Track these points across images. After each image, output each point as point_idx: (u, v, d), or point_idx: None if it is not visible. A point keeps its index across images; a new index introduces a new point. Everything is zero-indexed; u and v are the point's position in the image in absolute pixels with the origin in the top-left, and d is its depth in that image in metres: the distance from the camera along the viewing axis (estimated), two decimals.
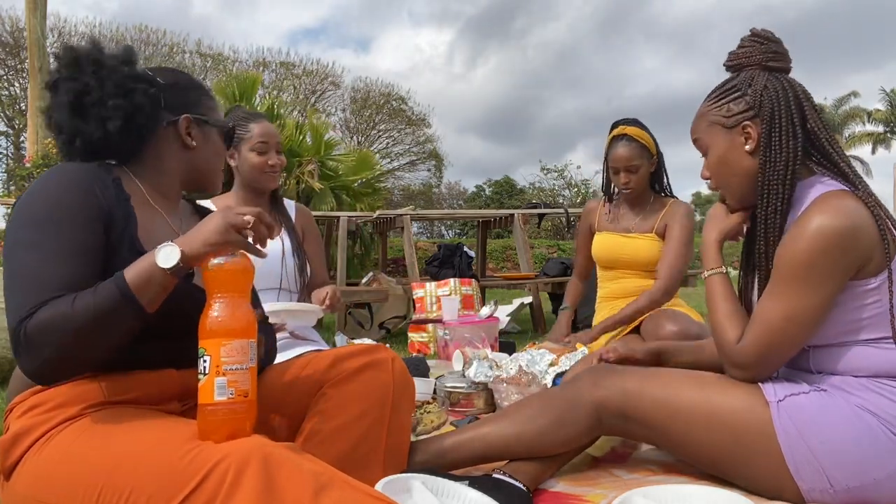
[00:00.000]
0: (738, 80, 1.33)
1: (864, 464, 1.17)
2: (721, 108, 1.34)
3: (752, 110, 1.30)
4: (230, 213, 0.98)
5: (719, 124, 1.34)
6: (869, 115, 32.04)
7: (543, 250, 15.07)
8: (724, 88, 1.35)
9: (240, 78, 8.43)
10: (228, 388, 0.91)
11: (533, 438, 1.38)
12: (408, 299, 4.54)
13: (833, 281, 1.19)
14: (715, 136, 1.35)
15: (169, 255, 0.94)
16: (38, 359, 0.93)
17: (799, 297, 1.21)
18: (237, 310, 0.94)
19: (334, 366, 1.22)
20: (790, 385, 1.27)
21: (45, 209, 1.01)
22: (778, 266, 1.24)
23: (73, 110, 1.12)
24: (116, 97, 1.12)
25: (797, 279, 1.20)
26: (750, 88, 1.31)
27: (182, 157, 1.23)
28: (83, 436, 0.97)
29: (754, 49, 1.33)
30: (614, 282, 2.67)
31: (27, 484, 0.96)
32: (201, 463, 0.85)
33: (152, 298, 0.96)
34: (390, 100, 24.16)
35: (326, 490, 0.84)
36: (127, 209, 1.10)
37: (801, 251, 1.19)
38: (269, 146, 2.13)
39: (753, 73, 1.32)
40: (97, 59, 1.13)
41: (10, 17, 19.13)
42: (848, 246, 1.17)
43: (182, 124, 1.21)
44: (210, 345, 0.92)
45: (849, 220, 1.18)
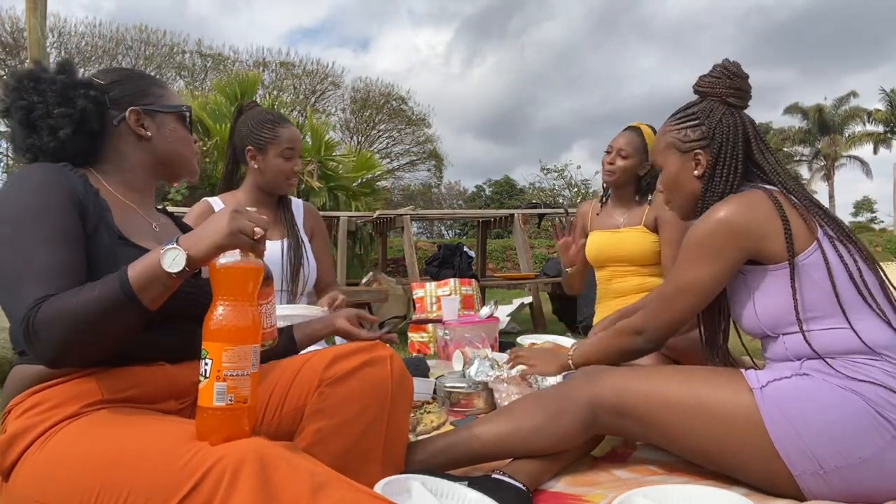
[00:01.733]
0: (699, 108, 1.46)
1: (849, 443, 1.19)
2: (679, 132, 1.48)
3: (705, 140, 1.44)
4: (241, 218, 0.96)
5: (675, 147, 1.48)
6: (869, 115, 32.05)
7: (543, 250, 15.07)
8: (685, 114, 1.49)
9: (240, 78, 8.44)
10: (228, 394, 0.90)
11: (528, 435, 1.39)
12: (408, 299, 4.55)
13: (720, 260, 1.34)
14: (670, 157, 1.50)
15: (175, 259, 0.94)
16: (46, 348, 0.94)
17: (688, 271, 1.38)
18: (243, 314, 0.93)
19: (332, 364, 1.22)
20: (772, 371, 1.31)
21: (18, 204, 1.04)
22: (681, 248, 1.41)
23: (26, 128, 1.18)
24: (60, 106, 1.16)
25: (690, 255, 1.38)
26: (707, 119, 1.44)
27: (142, 149, 1.25)
28: (81, 436, 0.97)
29: (720, 82, 1.45)
30: (610, 281, 2.67)
31: (26, 484, 0.97)
32: (198, 464, 0.85)
33: (155, 298, 0.96)
34: (390, 100, 24.17)
35: (324, 489, 0.84)
36: (97, 200, 1.13)
37: (696, 233, 1.37)
38: (295, 152, 2.13)
39: (713, 104, 1.45)
40: (35, 77, 1.18)
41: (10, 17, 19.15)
42: (740, 223, 1.32)
43: (131, 118, 1.23)
44: (212, 348, 0.91)
45: (740, 206, 1.33)
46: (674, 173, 1.49)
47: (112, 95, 1.23)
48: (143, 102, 1.25)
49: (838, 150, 32.12)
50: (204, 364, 0.91)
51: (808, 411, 1.22)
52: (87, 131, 1.19)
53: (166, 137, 1.27)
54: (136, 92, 1.26)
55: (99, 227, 1.09)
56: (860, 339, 1.26)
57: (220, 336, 0.91)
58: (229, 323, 0.91)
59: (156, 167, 1.28)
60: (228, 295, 0.93)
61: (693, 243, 1.37)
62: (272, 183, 2.14)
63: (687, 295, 1.40)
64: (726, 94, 1.44)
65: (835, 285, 1.29)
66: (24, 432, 0.99)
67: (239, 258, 0.94)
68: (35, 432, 0.99)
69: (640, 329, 1.50)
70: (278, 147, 2.10)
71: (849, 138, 32.35)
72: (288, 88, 22.22)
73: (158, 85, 1.30)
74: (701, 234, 1.35)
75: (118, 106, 1.23)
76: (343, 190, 8.16)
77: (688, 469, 1.46)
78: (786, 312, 1.31)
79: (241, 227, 0.95)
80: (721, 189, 1.41)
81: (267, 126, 2.12)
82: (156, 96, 1.28)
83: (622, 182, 2.57)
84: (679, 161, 1.48)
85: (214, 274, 0.94)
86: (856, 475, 1.20)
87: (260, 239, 0.97)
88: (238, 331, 0.92)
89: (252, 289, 0.95)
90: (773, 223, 1.32)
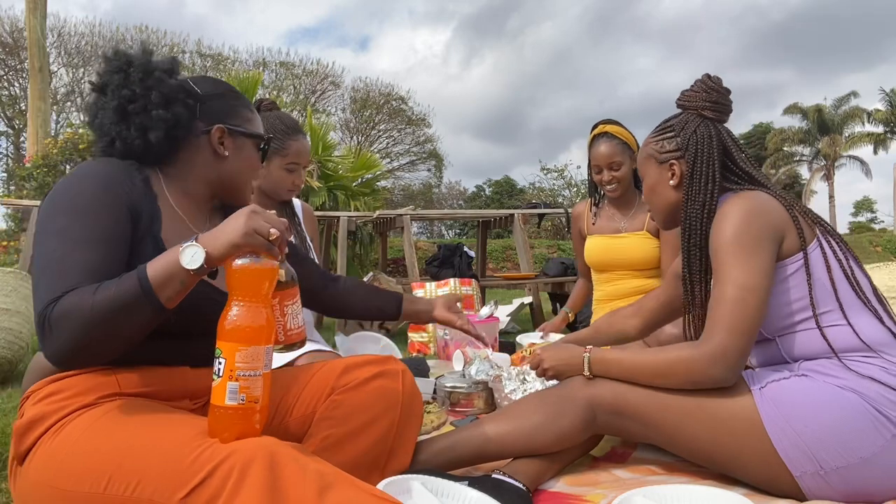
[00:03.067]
0: (676, 121, 1.50)
1: (849, 443, 1.19)
2: (657, 144, 1.52)
3: (680, 151, 1.48)
4: (257, 218, 0.97)
5: (653, 158, 1.53)
6: (869, 115, 32.05)
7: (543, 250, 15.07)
8: (663, 126, 1.53)
9: (241, 77, 8.43)
10: (240, 394, 0.91)
11: (528, 434, 1.39)
12: None
13: (765, 244, 1.29)
14: (648, 167, 1.54)
15: (194, 255, 0.94)
16: (56, 342, 0.94)
17: (741, 269, 1.28)
18: (256, 315, 0.93)
19: (346, 373, 1.24)
20: (771, 373, 1.31)
21: (71, 199, 1.04)
22: (715, 256, 1.33)
23: (118, 115, 1.16)
24: (159, 108, 1.15)
25: (732, 255, 1.29)
26: (682, 131, 1.48)
27: (213, 166, 1.24)
28: (95, 425, 0.98)
29: (698, 96, 1.48)
30: (609, 284, 2.66)
31: (40, 469, 0.98)
32: (208, 458, 0.86)
33: (172, 296, 0.96)
34: (390, 100, 24.17)
35: (331, 489, 0.85)
36: (153, 207, 1.12)
37: (726, 233, 1.31)
38: (300, 166, 2.09)
39: (689, 117, 1.48)
40: (146, 68, 1.17)
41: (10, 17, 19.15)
42: (763, 213, 1.31)
43: (215, 134, 1.22)
44: (226, 347, 0.92)
45: (756, 199, 1.34)
46: (652, 183, 1.54)
47: (205, 107, 1.22)
48: (232, 122, 1.24)
49: (838, 150, 32.11)
50: (217, 363, 0.92)
51: (808, 411, 1.22)
52: (172, 136, 1.18)
53: (240, 162, 1.26)
54: (228, 110, 1.25)
55: (146, 236, 1.09)
56: (858, 336, 1.27)
57: (233, 336, 0.92)
58: (243, 323, 0.92)
59: (217, 186, 1.26)
60: (243, 295, 0.94)
61: (732, 240, 1.30)
62: (271, 191, 2.12)
63: (755, 291, 1.26)
64: (702, 108, 1.47)
65: (833, 281, 1.30)
66: (41, 418, 1.01)
67: (255, 259, 0.95)
68: (52, 419, 1.00)
69: (718, 354, 1.25)
70: (284, 159, 2.05)
71: (849, 138, 32.34)
72: (288, 88, 22.22)
73: (248, 108, 1.29)
74: (735, 228, 1.30)
75: (207, 118, 1.22)
76: (343, 190, 8.16)
77: (688, 469, 1.46)
78: (786, 311, 1.31)
79: (257, 228, 0.95)
80: (701, 198, 1.42)
81: (278, 135, 2.05)
82: (244, 119, 1.27)
83: (626, 190, 2.58)
84: (657, 171, 1.52)
85: (230, 274, 0.95)
86: (856, 474, 1.20)
87: (276, 240, 0.97)
88: (251, 331, 0.92)
89: (267, 290, 0.96)
90: (785, 215, 1.34)
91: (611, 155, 2.50)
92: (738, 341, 1.25)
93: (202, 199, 1.26)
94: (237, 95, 1.29)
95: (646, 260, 2.55)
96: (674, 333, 2.24)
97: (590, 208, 2.74)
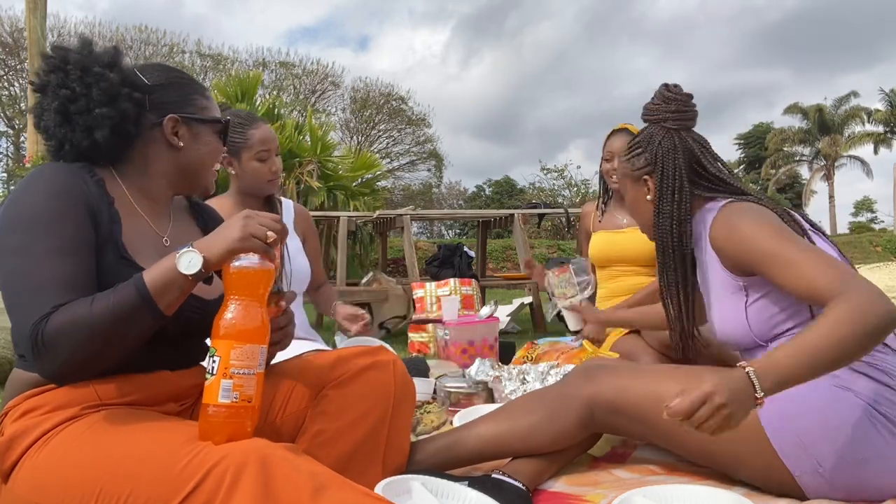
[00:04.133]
0: (641, 137, 1.51)
1: (849, 442, 1.19)
2: (629, 162, 1.54)
3: (650, 166, 1.48)
4: (253, 222, 0.97)
5: (628, 176, 1.55)
6: (869, 115, 32.05)
7: (543, 250, 15.06)
8: (633, 143, 1.54)
9: (240, 77, 8.43)
10: (233, 392, 0.91)
11: (526, 433, 1.39)
12: (408, 299, 4.54)
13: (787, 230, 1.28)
14: (627, 186, 1.57)
15: (191, 261, 0.94)
16: (56, 360, 0.93)
17: (793, 245, 1.23)
18: (252, 314, 0.94)
19: (336, 366, 1.22)
20: None
21: (31, 212, 1.00)
22: (750, 256, 1.27)
23: (61, 117, 1.10)
24: (103, 105, 1.09)
25: (773, 238, 1.24)
26: (648, 146, 1.49)
27: (169, 159, 1.19)
28: (81, 438, 0.97)
29: (660, 107, 1.49)
30: (611, 280, 2.67)
31: (26, 486, 0.96)
32: (199, 464, 0.85)
33: (171, 302, 0.96)
34: (390, 100, 24.18)
35: (324, 491, 0.84)
36: (111, 211, 1.09)
37: (748, 230, 1.28)
38: (270, 153, 2.07)
39: (654, 130, 1.49)
40: (84, 64, 1.10)
41: (10, 17, 19.15)
42: (766, 212, 1.32)
43: (167, 125, 1.17)
44: (221, 346, 0.92)
45: (748, 204, 1.35)
46: (631, 201, 1.57)
47: (154, 98, 1.17)
48: (184, 110, 1.19)
49: (838, 150, 32.11)
50: (211, 361, 0.92)
51: (806, 411, 1.22)
52: (121, 133, 1.13)
53: (198, 150, 1.21)
54: (179, 98, 1.20)
55: (107, 242, 1.06)
56: None
57: (229, 334, 0.92)
58: (239, 322, 0.93)
59: (177, 179, 1.22)
60: (240, 295, 0.94)
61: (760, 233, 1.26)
62: (253, 187, 2.09)
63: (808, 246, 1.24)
64: (664, 119, 1.48)
65: None
66: (23, 434, 0.99)
67: (252, 260, 0.95)
68: (34, 434, 0.98)
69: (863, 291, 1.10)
70: (251, 150, 2.03)
71: (849, 138, 32.34)
72: (288, 88, 22.22)
73: (201, 93, 1.24)
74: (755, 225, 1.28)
75: (158, 110, 1.16)
76: (342, 190, 8.16)
77: (688, 469, 1.46)
78: (778, 317, 1.31)
79: (253, 232, 0.96)
80: (668, 209, 1.43)
81: (236, 130, 2.01)
82: (197, 105, 1.22)
83: None
84: (633, 189, 1.54)
85: (227, 275, 0.95)
86: (856, 473, 1.19)
87: (274, 242, 0.97)
88: (248, 330, 0.93)
89: (263, 291, 0.97)
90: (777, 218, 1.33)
91: (624, 145, 2.51)
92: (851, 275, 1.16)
93: (162, 196, 1.22)
94: (188, 81, 1.24)
95: (647, 255, 2.55)
96: None
97: (597, 206, 2.77)
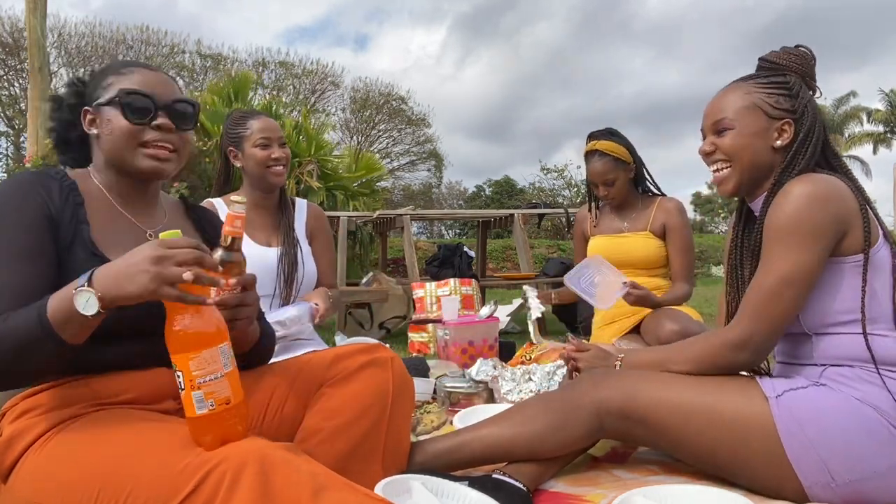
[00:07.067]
0: (791, 81, 1.37)
1: (863, 456, 1.18)
2: (770, 97, 1.37)
3: (795, 113, 1.35)
4: (165, 264, 0.86)
5: (763, 110, 1.36)
6: (869, 114, 32.03)
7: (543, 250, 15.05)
8: (775, 81, 1.38)
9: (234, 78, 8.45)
10: (207, 400, 0.89)
11: (532, 441, 1.37)
12: (408, 299, 4.54)
13: (820, 239, 1.23)
14: (753, 118, 1.36)
15: (87, 302, 0.87)
16: None
17: (787, 261, 1.24)
18: (198, 319, 0.90)
19: (334, 365, 1.22)
20: (788, 381, 1.28)
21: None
22: (766, 237, 1.29)
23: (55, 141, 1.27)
24: (51, 120, 1.25)
25: (785, 242, 1.24)
26: (799, 96, 1.36)
27: (99, 150, 1.19)
28: (80, 438, 0.97)
29: (802, 62, 1.39)
30: None
31: (25, 486, 0.96)
32: (199, 465, 0.85)
33: (75, 334, 0.91)
34: (390, 100, 24.15)
35: (324, 491, 0.84)
36: (77, 212, 1.09)
37: (785, 215, 1.24)
38: (271, 140, 2.13)
39: (799, 83, 1.37)
40: (56, 98, 1.24)
41: (10, 17, 19.12)
42: (829, 201, 1.23)
43: (84, 119, 1.19)
44: (179, 360, 0.89)
45: (825, 184, 1.25)
46: (751, 134, 1.35)
47: (86, 96, 1.20)
48: (96, 98, 1.17)
49: (839, 150, 32.05)
50: (177, 377, 0.90)
51: (825, 423, 1.20)
52: (66, 140, 1.21)
53: (111, 131, 1.15)
54: (94, 88, 1.18)
55: (74, 242, 1.06)
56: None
57: (181, 347, 0.89)
58: (187, 330, 0.89)
59: (111, 167, 1.19)
60: (178, 307, 0.90)
61: (787, 227, 1.24)
62: (257, 176, 2.14)
63: (794, 286, 1.24)
64: (809, 77, 1.39)
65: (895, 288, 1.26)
66: (21, 434, 0.99)
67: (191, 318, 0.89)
68: (33, 434, 0.98)
69: (743, 341, 1.28)
70: (252, 139, 2.12)
71: (849, 138, 32.33)
72: (287, 88, 22.20)
73: (113, 72, 1.18)
74: (793, 215, 1.23)
75: (82, 107, 1.20)
76: (342, 190, 8.16)
77: (688, 469, 1.45)
78: (833, 310, 1.27)
79: (166, 277, 0.86)
80: (801, 168, 1.32)
81: (238, 122, 2.15)
82: (105, 87, 1.16)
83: (624, 199, 2.64)
84: (763, 124, 1.35)
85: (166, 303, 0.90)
86: (868, 487, 1.19)
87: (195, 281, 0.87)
88: (198, 336, 0.90)
89: (205, 289, 0.92)
90: (854, 208, 1.26)
91: (604, 173, 2.58)
92: (765, 331, 1.28)
93: (132, 191, 1.21)
94: (105, 68, 1.22)
95: (648, 259, 2.58)
96: (674, 330, 2.25)
97: (590, 210, 2.79)
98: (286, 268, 2.12)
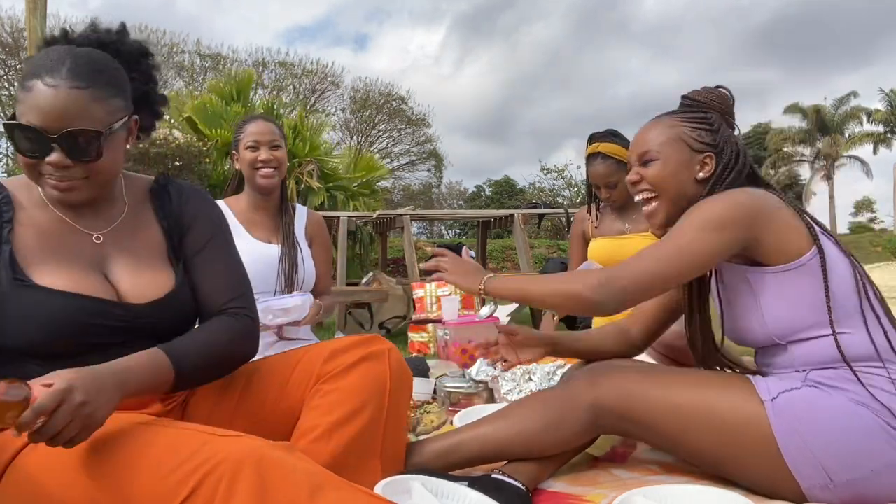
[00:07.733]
0: (712, 118, 1.45)
1: (860, 456, 1.19)
2: (693, 131, 1.44)
3: (716, 147, 1.42)
4: None
5: (686, 143, 1.43)
6: (869, 114, 32.04)
7: (543, 250, 15.07)
8: (699, 116, 1.45)
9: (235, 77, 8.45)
10: None
11: (530, 438, 1.38)
12: (408, 299, 4.55)
13: (724, 234, 1.26)
14: (677, 150, 1.43)
15: None
16: None
17: (692, 235, 1.28)
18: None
19: (330, 359, 1.20)
20: (783, 383, 1.29)
21: None
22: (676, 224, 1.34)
23: None
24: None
25: (695, 222, 1.30)
26: (719, 130, 1.44)
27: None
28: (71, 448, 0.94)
29: (722, 101, 1.47)
30: None
31: (17, 493, 0.95)
32: (196, 467, 0.84)
33: None
34: (390, 100, 24.16)
35: (321, 491, 0.84)
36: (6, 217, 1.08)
37: (707, 206, 1.31)
38: (260, 143, 2.16)
39: (720, 120, 1.45)
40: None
41: (10, 17, 19.13)
42: (751, 206, 1.28)
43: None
44: None
45: (741, 191, 1.32)
46: (675, 165, 1.42)
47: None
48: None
49: (838, 150, 32.09)
50: None
51: (820, 424, 1.21)
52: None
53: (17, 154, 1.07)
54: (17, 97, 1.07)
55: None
56: (874, 345, 1.24)
57: None
58: None
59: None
60: None
61: (702, 214, 1.30)
62: (248, 177, 2.19)
63: (683, 257, 1.28)
64: (728, 115, 1.47)
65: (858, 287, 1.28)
66: (8, 441, 0.97)
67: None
68: (20, 441, 0.96)
69: (601, 283, 1.29)
70: (244, 141, 2.18)
71: (849, 138, 32.33)
72: (287, 88, 22.21)
73: (21, 85, 1.05)
74: (712, 206, 1.30)
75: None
76: (341, 190, 8.17)
77: (688, 469, 1.45)
78: (799, 317, 1.29)
79: None
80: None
81: (239, 126, 2.25)
82: (17, 99, 1.06)
83: (625, 201, 2.63)
84: (686, 156, 1.42)
85: None
86: (866, 487, 1.19)
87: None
88: None
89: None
90: (781, 215, 1.30)
91: (606, 175, 2.57)
92: (628, 280, 1.29)
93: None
94: (24, 72, 1.07)
95: None
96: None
97: (589, 211, 2.79)
98: (287, 267, 2.14)
